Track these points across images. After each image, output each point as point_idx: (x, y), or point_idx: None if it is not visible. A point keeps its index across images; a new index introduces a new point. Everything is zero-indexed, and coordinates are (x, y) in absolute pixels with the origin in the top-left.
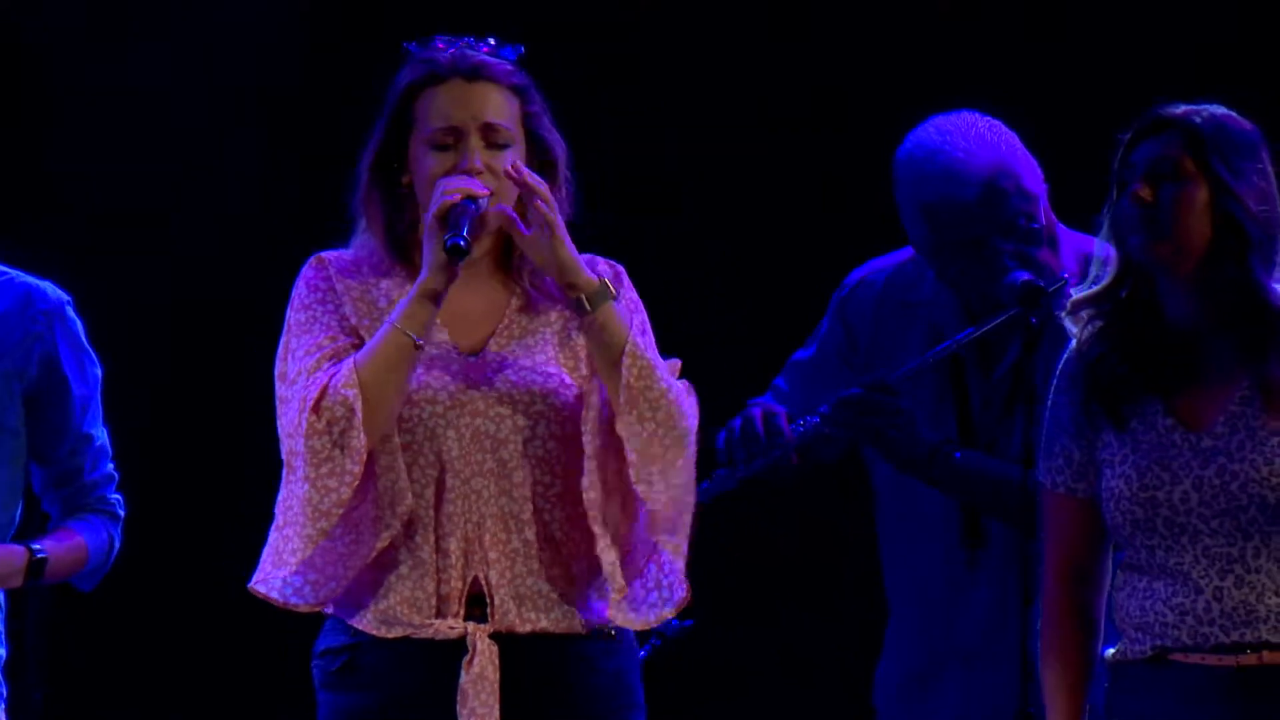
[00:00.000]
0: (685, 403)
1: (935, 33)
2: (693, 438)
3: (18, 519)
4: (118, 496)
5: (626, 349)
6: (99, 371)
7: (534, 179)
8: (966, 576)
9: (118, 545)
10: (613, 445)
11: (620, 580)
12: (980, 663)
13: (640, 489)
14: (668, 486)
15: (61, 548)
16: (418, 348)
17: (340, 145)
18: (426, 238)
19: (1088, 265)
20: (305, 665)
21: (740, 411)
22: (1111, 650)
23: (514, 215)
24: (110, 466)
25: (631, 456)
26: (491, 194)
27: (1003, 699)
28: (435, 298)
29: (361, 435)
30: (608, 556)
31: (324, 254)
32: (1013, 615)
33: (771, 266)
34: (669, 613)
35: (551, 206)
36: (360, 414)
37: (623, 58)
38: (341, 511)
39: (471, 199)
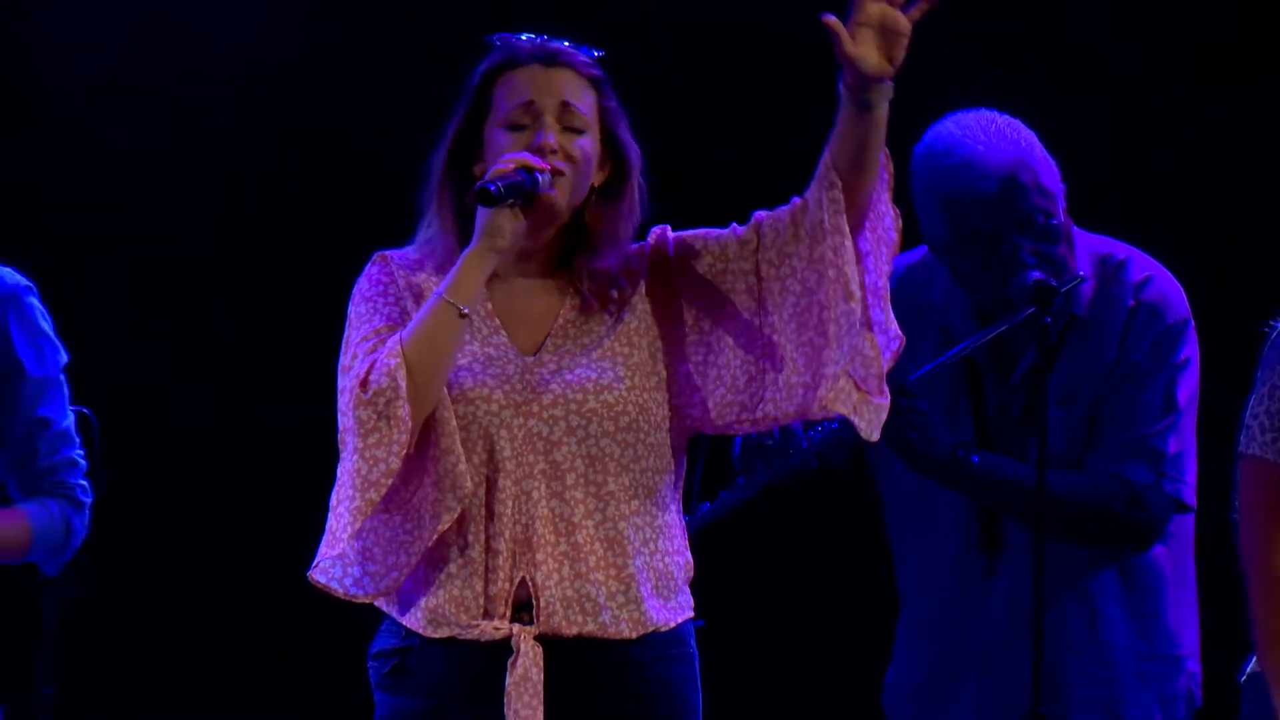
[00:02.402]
0: None
1: (936, 32)
2: None
3: None
4: (82, 483)
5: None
6: (61, 357)
7: None
8: (983, 581)
9: (80, 530)
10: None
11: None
12: (997, 667)
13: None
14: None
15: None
16: (463, 317)
17: (340, 145)
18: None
19: (1102, 266)
20: (309, 665)
21: None
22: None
23: None
24: (73, 452)
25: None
26: (554, 173)
27: (1019, 702)
28: (481, 267)
29: (407, 405)
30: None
31: (387, 252)
32: (1029, 618)
33: None
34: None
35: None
36: (404, 384)
37: (621, 57)
38: (389, 483)
39: (527, 170)
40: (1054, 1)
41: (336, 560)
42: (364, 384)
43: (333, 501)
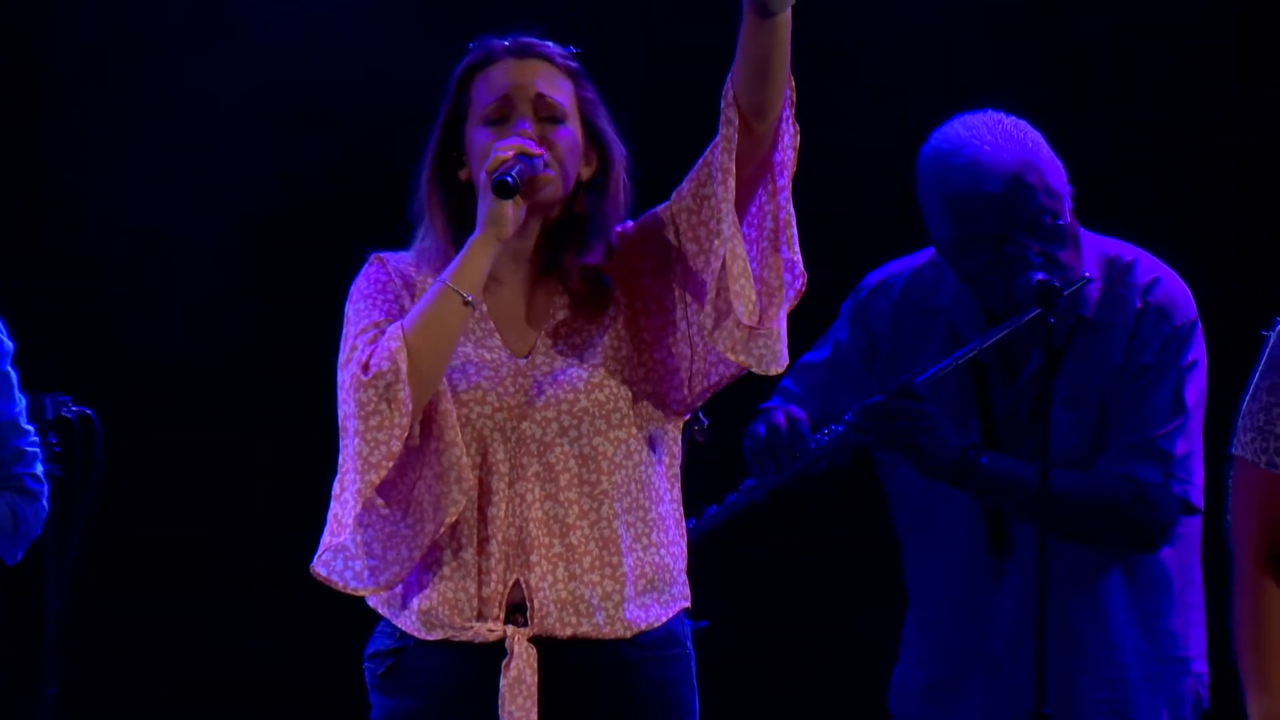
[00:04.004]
0: None
1: (940, 32)
2: None
3: None
4: (31, 471)
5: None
6: (7, 348)
7: None
8: (991, 584)
9: (31, 518)
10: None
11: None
12: (1006, 670)
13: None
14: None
15: None
16: (467, 304)
17: (342, 144)
18: (480, 197)
19: (1109, 268)
20: (308, 665)
21: (758, 417)
22: None
23: None
24: (22, 443)
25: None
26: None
27: (1027, 704)
28: (486, 255)
29: (407, 388)
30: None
31: (383, 254)
32: (1037, 620)
33: None
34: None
35: None
36: (405, 367)
37: (623, 55)
38: (390, 465)
39: (525, 155)
40: (1056, 3)
41: (338, 554)
42: (365, 367)
43: (335, 489)
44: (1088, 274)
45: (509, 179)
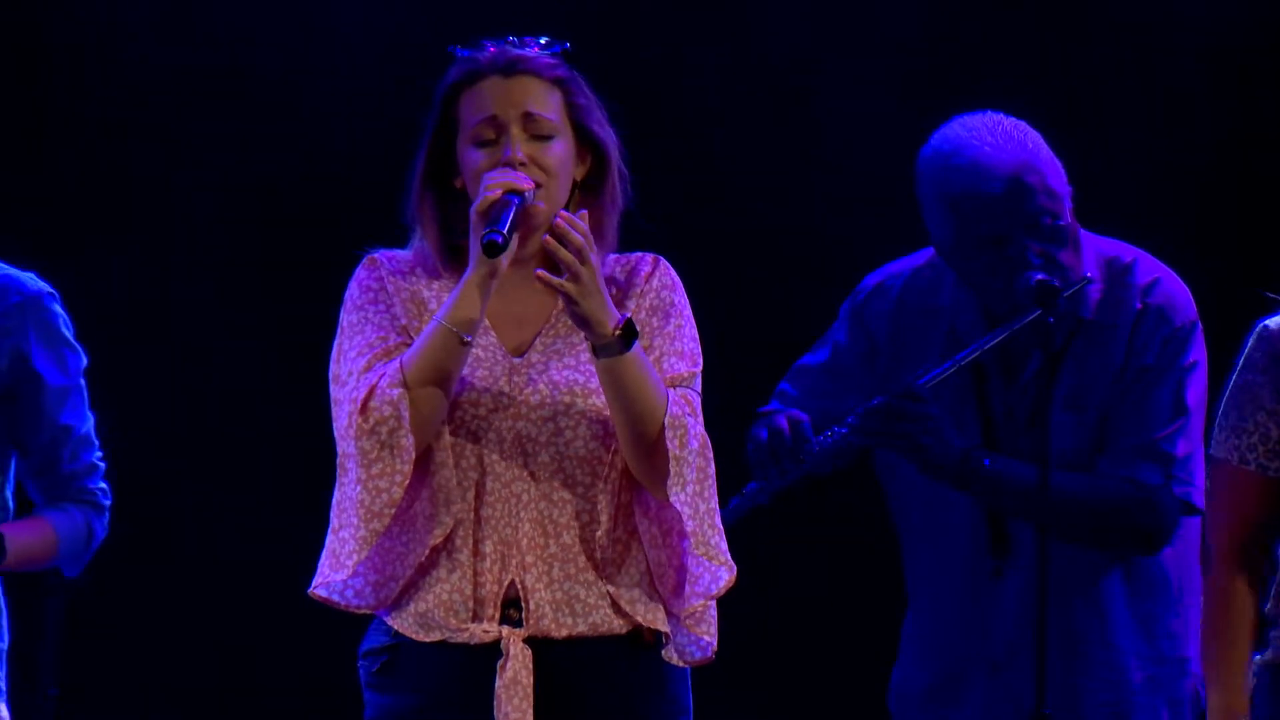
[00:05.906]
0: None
1: (943, 31)
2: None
3: (10, 505)
4: (102, 486)
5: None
6: (82, 362)
7: (572, 229)
8: (991, 585)
9: (100, 533)
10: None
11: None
12: (1006, 671)
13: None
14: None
15: (26, 532)
16: (465, 344)
17: (338, 146)
18: (471, 233)
19: (1109, 269)
20: (311, 667)
21: (759, 420)
22: (1264, 654)
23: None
24: (94, 456)
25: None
26: (537, 187)
27: (1028, 705)
28: (481, 293)
29: (410, 436)
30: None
31: (378, 254)
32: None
33: (768, 266)
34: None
35: (584, 257)
36: (408, 415)
37: (625, 57)
38: (393, 512)
39: (515, 193)
40: (1056, 5)
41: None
42: (364, 410)
43: (334, 524)
44: (1088, 274)
45: (498, 238)
